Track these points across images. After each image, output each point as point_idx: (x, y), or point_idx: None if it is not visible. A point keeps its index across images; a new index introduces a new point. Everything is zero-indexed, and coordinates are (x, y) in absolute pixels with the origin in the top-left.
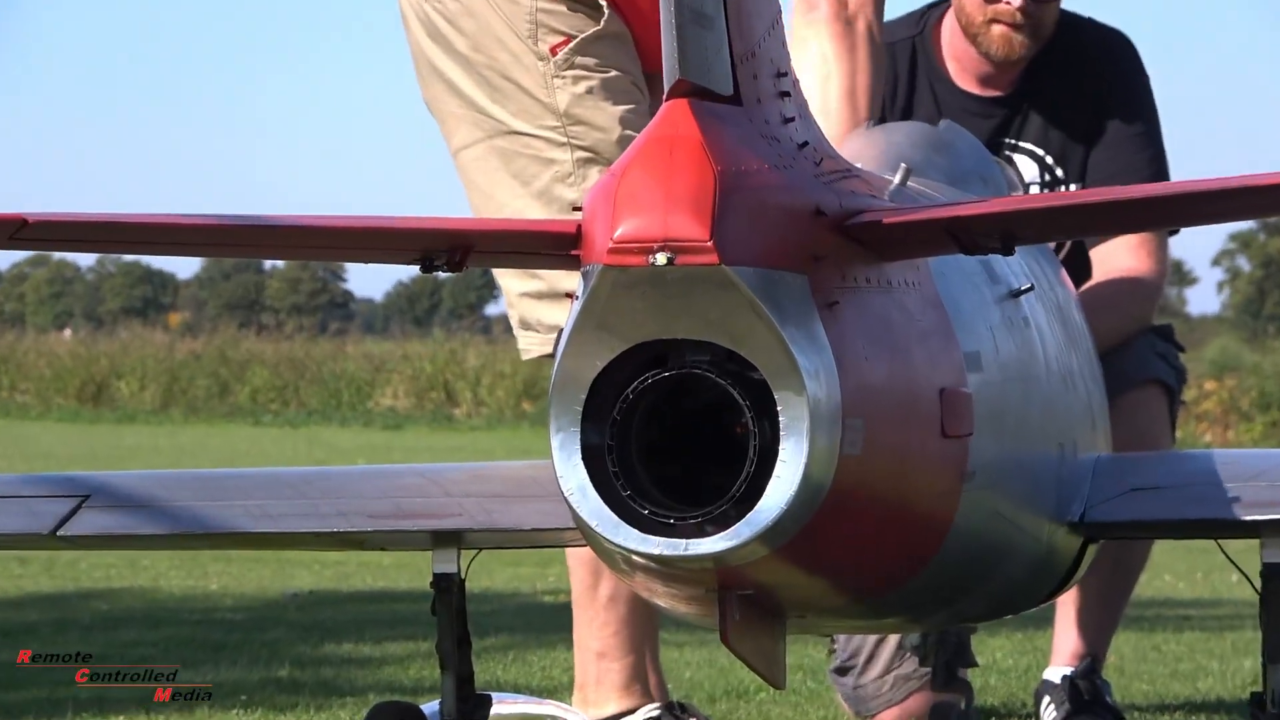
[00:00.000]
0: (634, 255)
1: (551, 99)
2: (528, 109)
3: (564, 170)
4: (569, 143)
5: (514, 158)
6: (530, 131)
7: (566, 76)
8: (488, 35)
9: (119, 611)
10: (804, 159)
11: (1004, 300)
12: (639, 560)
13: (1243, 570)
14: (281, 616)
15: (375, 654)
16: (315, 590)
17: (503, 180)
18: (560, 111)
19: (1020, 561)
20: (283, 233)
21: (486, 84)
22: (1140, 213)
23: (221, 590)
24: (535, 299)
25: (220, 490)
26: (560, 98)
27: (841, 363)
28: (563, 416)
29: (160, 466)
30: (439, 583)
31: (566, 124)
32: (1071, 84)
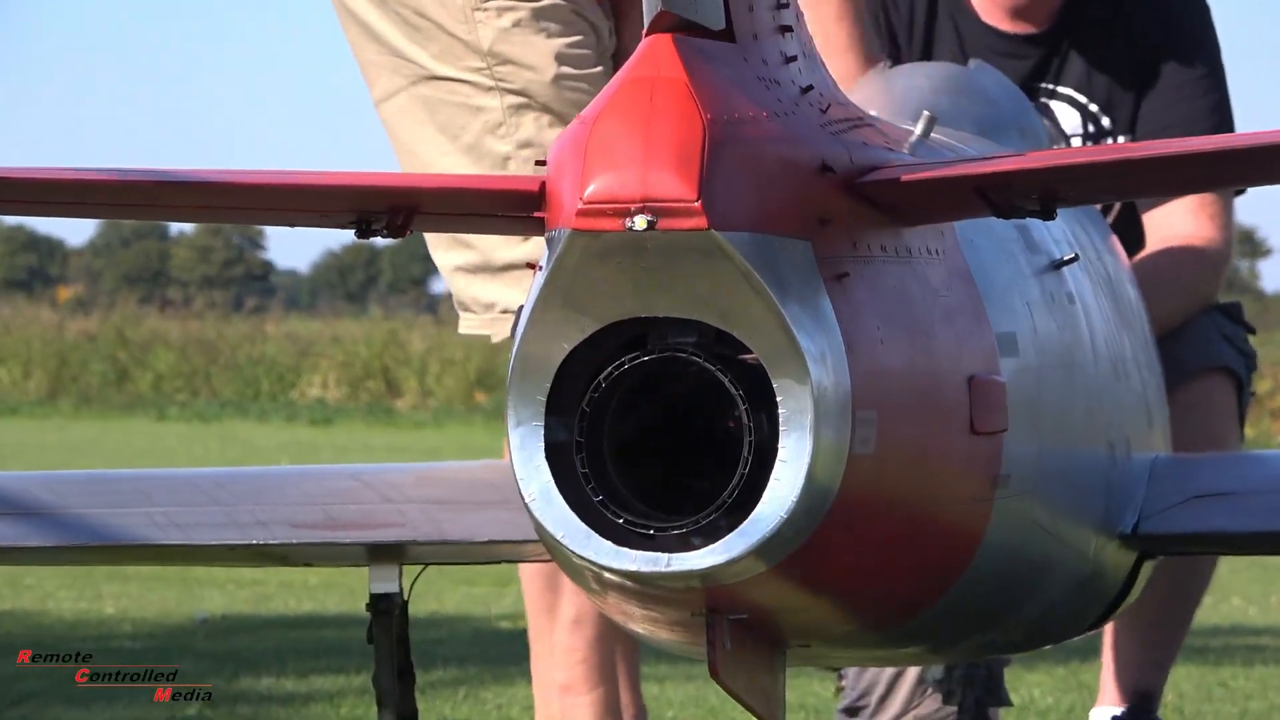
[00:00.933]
0: (607, 218)
1: (473, 35)
2: (449, 49)
3: (493, 119)
4: (497, 86)
5: (439, 107)
6: (454, 75)
7: (489, 8)
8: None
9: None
10: (808, 105)
11: (1044, 272)
12: (613, 578)
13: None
14: (189, 645)
15: (300, 689)
16: (229, 614)
17: (427, 134)
18: (484, 50)
19: (1062, 581)
20: (190, 190)
21: (404, 23)
22: (1204, 169)
23: (119, 614)
24: (469, 274)
25: (117, 495)
26: (483, 34)
27: (852, 345)
28: (523, 409)
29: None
30: (377, 604)
31: (492, 64)
32: (1120, 18)
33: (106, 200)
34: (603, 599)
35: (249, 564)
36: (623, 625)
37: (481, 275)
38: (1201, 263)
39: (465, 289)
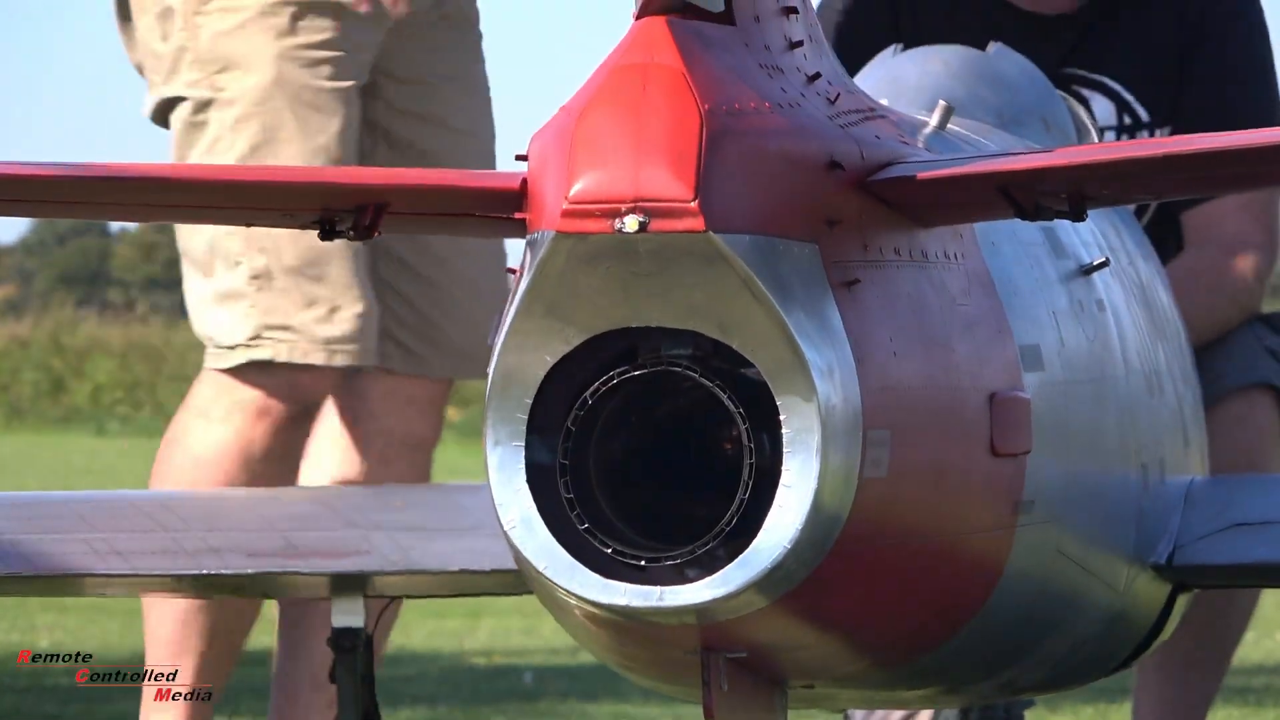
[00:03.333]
0: (595, 219)
1: (195, 42)
2: (175, 65)
3: (213, 135)
4: (217, 97)
5: (181, 134)
6: (182, 94)
7: (210, 11)
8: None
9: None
10: (815, 95)
11: (1072, 279)
12: (600, 613)
13: None
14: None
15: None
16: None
17: None
18: (200, 55)
19: (1090, 616)
20: (137, 186)
21: (142, 47)
22: (1250, 166)
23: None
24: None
25: (53, 518)
26: (203, 38)
27: (862, 358)
28: (502, 428)
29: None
30: (339, 640)
31: (211, 72)
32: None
33: (45, 197)
34: (588, 635)
35: (199, 595)
36: (609, 663)
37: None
38: (1244, 269)
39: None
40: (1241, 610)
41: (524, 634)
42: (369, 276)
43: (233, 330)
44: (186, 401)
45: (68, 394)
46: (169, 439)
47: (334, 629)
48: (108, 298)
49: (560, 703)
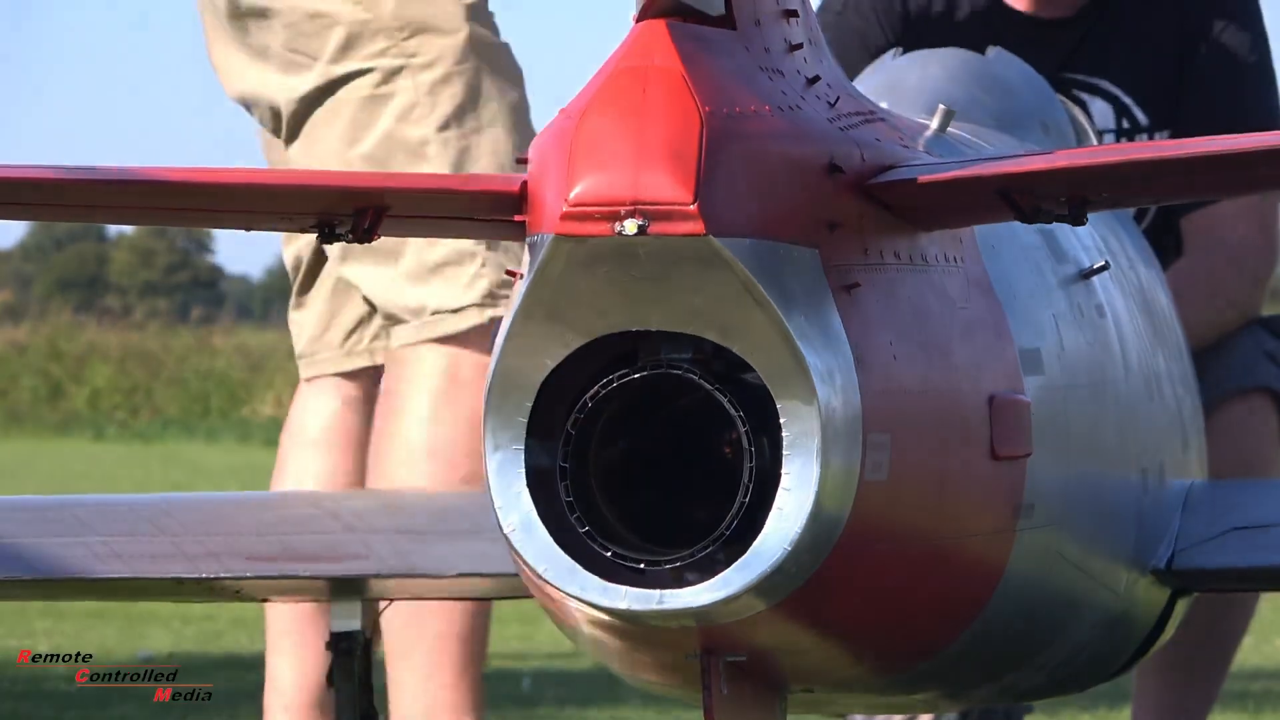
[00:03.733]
0: (595, 222)
1: (376, 11)
2: (350, 39)
3: (406, 101)
4: (410, 63)
5: (341, 109)
6: (358, 68)
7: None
8: None
9: None
10: (815, 98)
11: (1072, 283)
12: (600, 616)
13: None
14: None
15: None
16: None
17: (329, 146)
18: (389, 22)
19: (1090, 620)
20: (135, 189)
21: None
22: (1251, 170)
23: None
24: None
25: (52, 522)
26: (386, 5)
27: (863, 362)
28: (502, 431)
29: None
30: (338, 644)
31: (403, 38)
32: (1157, 3)
33: (45, 200)
34: (587, 639)
35: (197, 599)
36: (608, 666)
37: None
38: (1243, 273)
39: (395, 299)
40: (1240, 614)
41: (522, 639)
42: None
43: (457, 295)
44: (398, 387)
45: (66, 399)
46: (392, 431)
47: (332, 633)
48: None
49: (558, 708)
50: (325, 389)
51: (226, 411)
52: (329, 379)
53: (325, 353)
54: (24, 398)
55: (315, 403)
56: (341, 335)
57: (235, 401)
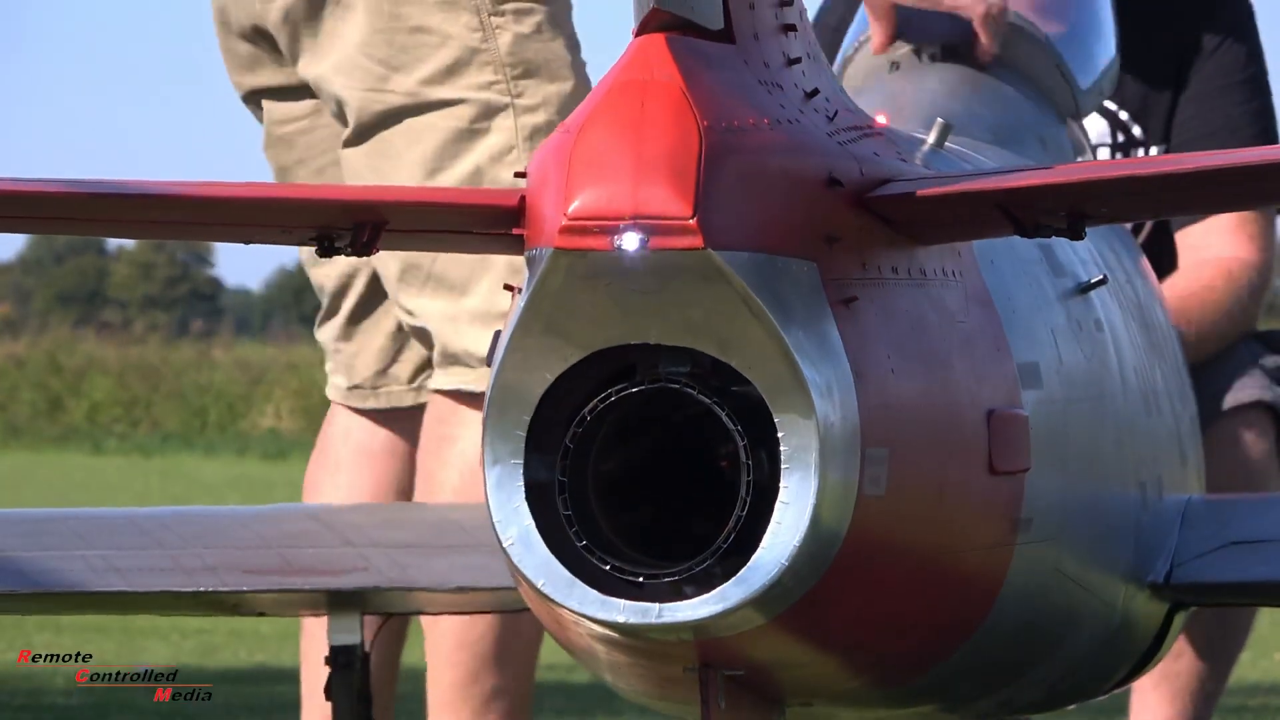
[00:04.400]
0: (594, 236)
1: (492, 43)
2: (457, 64)
3: (501, 143)
4: (512, 102)
5: (423, 133)
6: (457, 97)
7: (507, 11)
8: None
9: None
10: (814, 112)
11: (1070, 297)
12: (598, 630)
13: None
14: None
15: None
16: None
17: (405, 169)
18: (501, 58)
19: (1088, 634)
20: (136, 202)
21: (402, 43)
22: (1246, 184)
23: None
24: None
25: (51, 535)
26: (501, 40)
27: (861, 376)
28: (501, 445)
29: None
30: (336, 658)
31: (512, 77)
32: (1153, 17)
33: (44, 213)
34: (586, 651)
35: (196, 613)
36: (606, 680)
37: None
38: (1239, 287)
39: (455, 338)
40: (1238, 629)
41: None
42: None
43: None
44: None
45: (65, 412)
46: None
47: (331, 646)
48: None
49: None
50: (381, 419)
51: (225, 425)
52: (386, 412)
53: (393, 387)
54: (23, 411)
55: (363, 432)
56: (410, 371)
57: (234, 415)
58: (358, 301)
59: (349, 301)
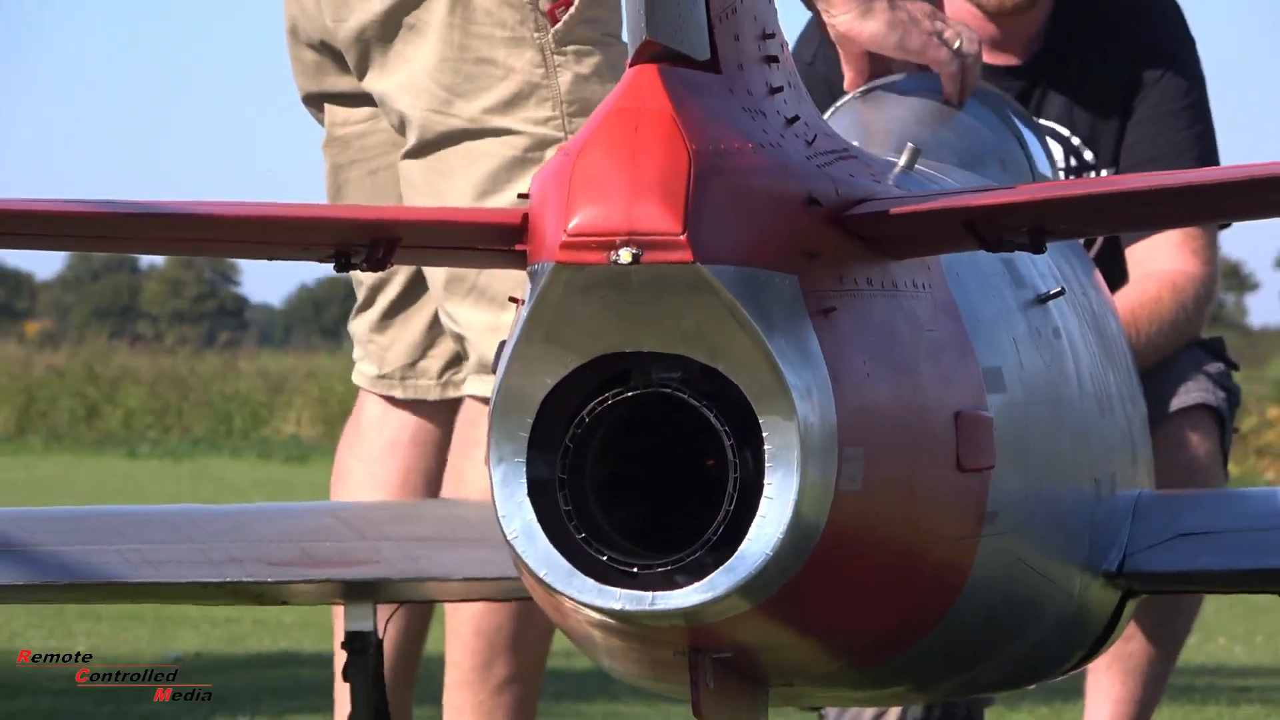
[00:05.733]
0: (591, 251)
1: (552, 80)
2: (518, 98)
3: None
4: (569, 134)
5: (479, 161)
6: (510, 127)
7: (568, 53)
8: (467, 11)
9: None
10: (794, 137)
11: (1030, 307)
12: (595, 616)
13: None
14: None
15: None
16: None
17: (456, 191)
18: (561, 95)
19: (1047, 620)
20: (166, 221)
21: (470, 73)
22: (1192, 203)
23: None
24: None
25: (89, 531)
26: (561, 80)
27: (838, 380)
28: (505, 445)
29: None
30: (352, 643)
31: (569, 113)
32: (1100, 49)
33: (80, 232)
34: (584, 637)
35: (223, 602)
36: (603, 664)
37: None
38: (1185, 297)
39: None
40: (1186, 615)
41: None
42: None
43: None
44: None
45: (101, 419)
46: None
47: (346, 632)
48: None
49: (555, 703)
50: (411, 409)
51: (250, 431)
52: (414, 402)
53: (421, 380)
54: (62, 418)
55: (394, 422)
56: (439, 367)
57: (258, 421)
58: (395, 297)
59: (386, 296)
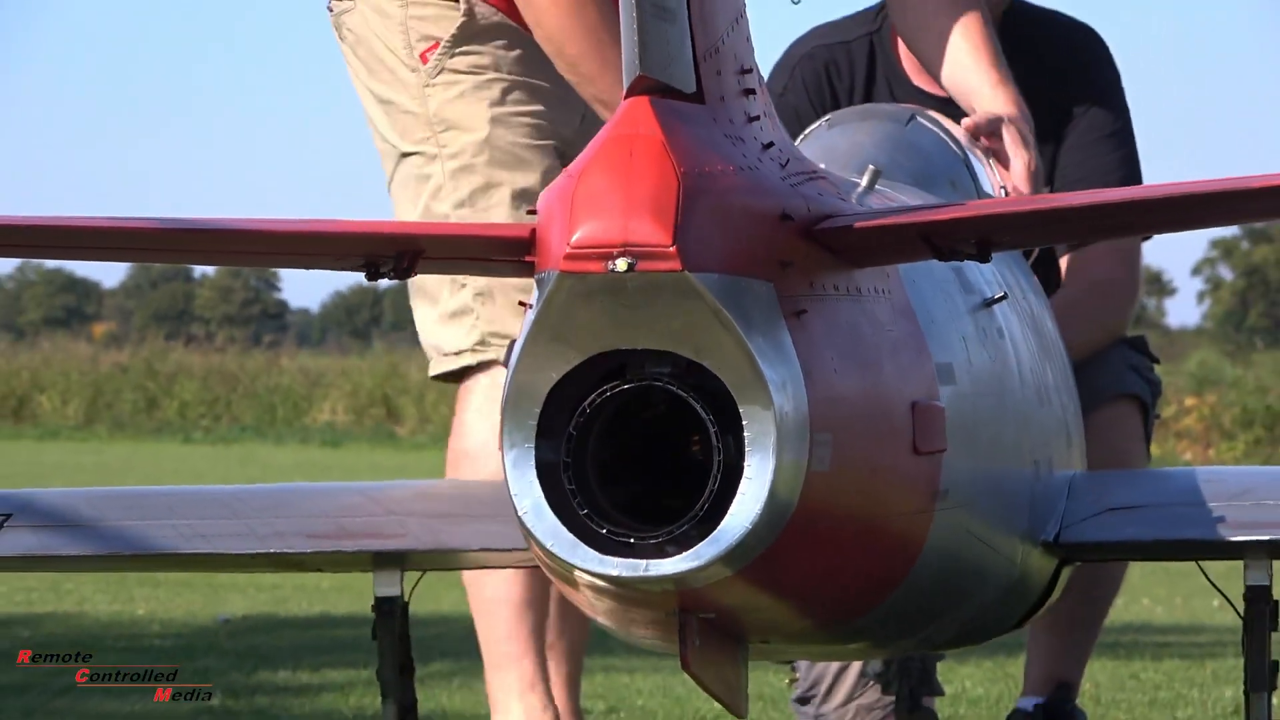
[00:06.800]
0: (592, 261)
1: (425, 108)
2: (408, 126)
3: (436, 184)
4: (440, 153)
5: (406, 182)
6: (412, 150)
7: (437, 83)
8: (375, 59)
9: (41, 638)
10: (770, 160)
11: (977, 310)
12: (596, 582)
13: (1224, 594)
14: (213, 643)
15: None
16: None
17: (405, 208)
18: (429, 118)
19: (993, 584)
20: (216, 237)
21: (382, 109)
22: (1119, 218)
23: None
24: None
25: (149, 509)
26: (431, 104)
27: (809, 374)
28: (516, 432)
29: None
30: (380, 606)
31: (437, 131)
32: (1035, 81)
33: (142, 245)
34: (586, 600)
35: (267, 570)
36: (602, 623)
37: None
38: (1112, 301)
39: (430, 335)
40: (1113, 580)
41: None
42: None
43: (459, 339)
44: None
45: (160, 410)
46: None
47: (376, 597)
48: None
49: None
50: None
51: (291, 420)
52: None
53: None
54: (125, 409)
55: None
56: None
57: (298, 411)
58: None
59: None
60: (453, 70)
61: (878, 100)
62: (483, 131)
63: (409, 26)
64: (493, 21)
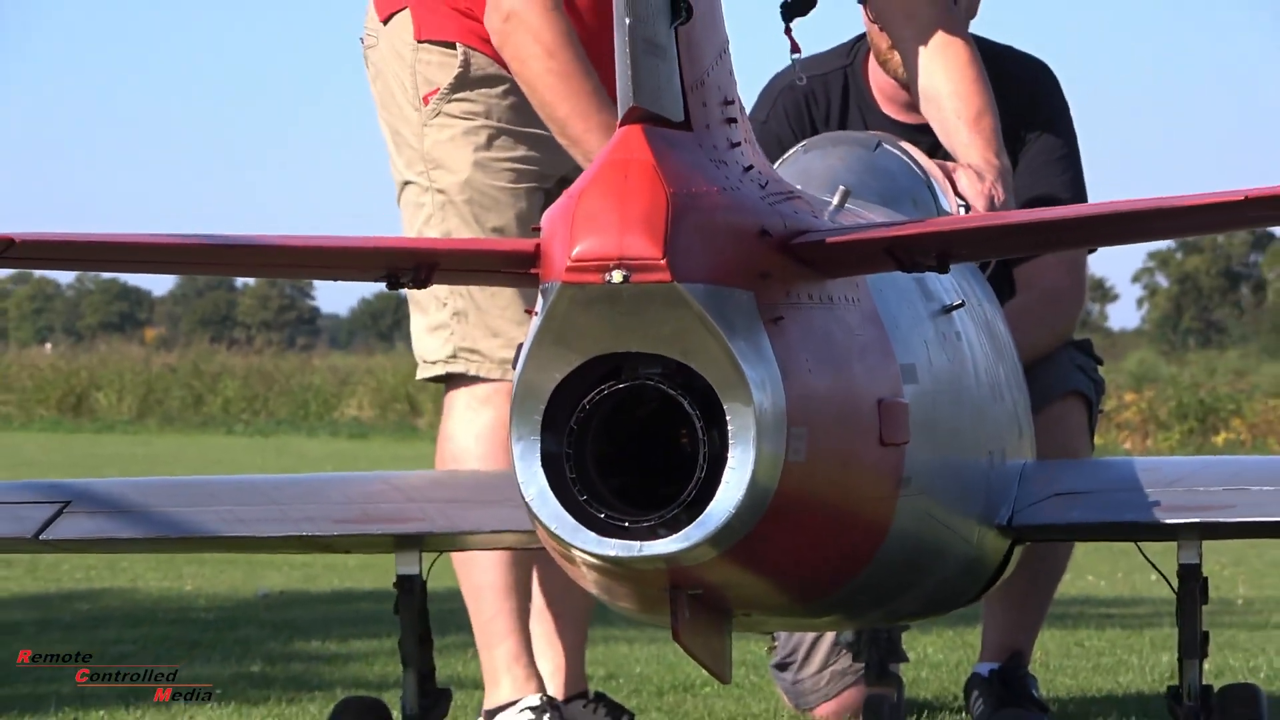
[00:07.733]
0: (591, 273)
1: (420, 145)
2: (410, 158)
3: (428, 213)
4: (430, 186)
5: (407, 205)
6: (412, 179)
7: (433, 125)
8: (389, 93)
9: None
10: (750, 181)
11: (937, 316)
12: (595, 561)
13: (1160, 571)
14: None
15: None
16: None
17: (406, 226)
18: (424, 154)
19: (952, 563)
20: (256, 251)
21: (393, 138)
22: (1065, 233)
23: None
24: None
25: (195, 496)
26: (425, 143)
27: (786, 374)
28: (523, 426)
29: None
30: (401, 584)
31: (429, 168)
32: None
33: (191, 259)
34: (586, 578)
35: (300, 551)
36: (601, 598)
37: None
38: (1060, 307)
39: (417, 343)
40: (1061, 558)
41: None
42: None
43: (436, 350)
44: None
45: (205, 406)
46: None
47: (397, 575)
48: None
49: None
50: None
51: (322, 414)
52: None
53: None
54: (174, 405)
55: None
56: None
57: (329, 407)
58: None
59: None
60: (448, 114)
61: (851, 127)
62: (464, 174)
63: (417, 70)
64: (488, 72)
